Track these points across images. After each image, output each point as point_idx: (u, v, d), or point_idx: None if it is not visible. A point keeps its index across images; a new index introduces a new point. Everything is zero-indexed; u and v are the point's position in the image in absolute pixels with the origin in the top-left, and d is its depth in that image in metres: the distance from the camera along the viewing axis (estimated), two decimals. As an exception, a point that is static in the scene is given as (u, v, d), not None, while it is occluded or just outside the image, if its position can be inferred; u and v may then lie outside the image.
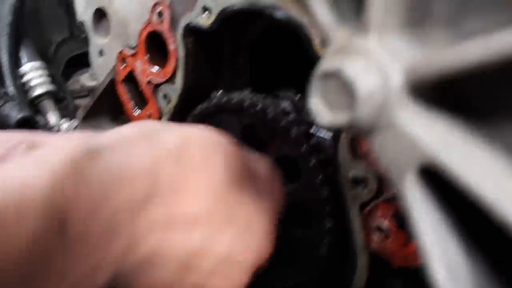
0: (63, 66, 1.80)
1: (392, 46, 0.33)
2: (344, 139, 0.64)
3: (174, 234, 0.50)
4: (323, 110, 0.33)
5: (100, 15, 1.07)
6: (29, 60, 1.54)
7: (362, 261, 0.67)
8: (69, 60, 1.84)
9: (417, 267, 0.62)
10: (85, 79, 1.84)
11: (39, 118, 1.39)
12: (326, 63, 0.35)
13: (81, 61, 1.94)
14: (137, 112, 0.96)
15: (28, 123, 1.26)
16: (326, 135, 0.73)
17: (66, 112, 1.59)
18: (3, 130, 1.30)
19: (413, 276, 0.67)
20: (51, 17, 1.76)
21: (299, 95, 0.81)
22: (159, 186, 0.50)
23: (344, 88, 0.33)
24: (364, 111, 0.33)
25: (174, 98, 0.86)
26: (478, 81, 0.30)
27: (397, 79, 0.33)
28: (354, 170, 0.64)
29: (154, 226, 0.49)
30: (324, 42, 0.61)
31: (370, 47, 0.33)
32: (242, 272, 0.56)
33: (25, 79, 1.50)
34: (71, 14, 1.81)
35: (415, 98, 0.33)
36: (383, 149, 0.34)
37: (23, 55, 1.56)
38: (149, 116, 0.91)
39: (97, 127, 1.16)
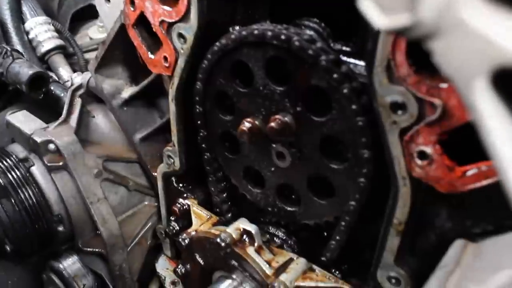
0: (69, 20, 1.74)
1: None
2: (379, 64, 0.59)
3: None
4: (378, 13, 0.29)
5: (102, -44, 1.00)
6: (33, 16, 1.49)
7: (404, 190, 0.63)
8: (74, 15, 1.78)
9: (463, 193, 0.59)
10: (93, 33, 1.78)
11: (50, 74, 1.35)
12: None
13: (87, 15, 1.89)
14: (151, 56, 0.91)
15: (41, 79, 1.23)
16: (357, 61, 0.68)
17: (77, 67, 1.56)
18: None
19: (458, 203, 0.64)
20: (50, -30, 1.69)
21: (322, 23, 0.76)
22: None
23: (403, -16, 0.28)
24: (429, 11, 0.28)
25: (190, 37, 0.81)
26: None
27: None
28: (392, 95, 0.59)
29: None
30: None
31: None
32: None
33: (31, 35, 1.46)
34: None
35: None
36: (449, 53, 0.30)
37: (26, 11, 1.51)
38: (165, 58, 0.87)
39: (111, 76, 1.12)
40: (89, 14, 1.90)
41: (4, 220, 1.02)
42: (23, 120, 1.14)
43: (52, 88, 1.30)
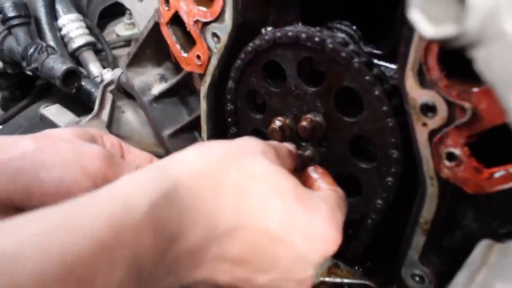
0: (97, 17, 1.79)
1: None
2: (411, 67, 0.61)
3: (221, 268, 0.55)
4: (425, 23, 0.31)
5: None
6: (66, 13, 1.54)
7: (431, 190, 0.65)
8: (101, 12, 1.83)
9: (490, 194, 0.60)
10: (120, 29, 1.82)
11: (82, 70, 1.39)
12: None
13: (113, 12, 1.93)
14: (184, 54, 0.94)
15: (74, 74, 1.27)
16: (388, 64, 0.70)
17: (105, 63, 1.60)
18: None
19: (485, 204, 0.66)
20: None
21: (354, 27, 0.78)
22: (216, 232, 0.53)
23: (451, -3, 0.30)
24: (474, 22, 0.30)
25: (224, 37, 0.84)
26: None
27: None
28: (423, 97, 0.61)
29: (207, 261, 0.53)
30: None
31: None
32: None
33: (63, 31, 1.50)
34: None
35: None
36: (490, 62, 0.32)
37: (59, 8, 1.55)
38: (198, 57, 0.90)
39: (142, 74, 1.16)
40: (116, 11, 1.94)
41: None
42: (56, 113, 1.18)
43: (83, 83, 1.34)
